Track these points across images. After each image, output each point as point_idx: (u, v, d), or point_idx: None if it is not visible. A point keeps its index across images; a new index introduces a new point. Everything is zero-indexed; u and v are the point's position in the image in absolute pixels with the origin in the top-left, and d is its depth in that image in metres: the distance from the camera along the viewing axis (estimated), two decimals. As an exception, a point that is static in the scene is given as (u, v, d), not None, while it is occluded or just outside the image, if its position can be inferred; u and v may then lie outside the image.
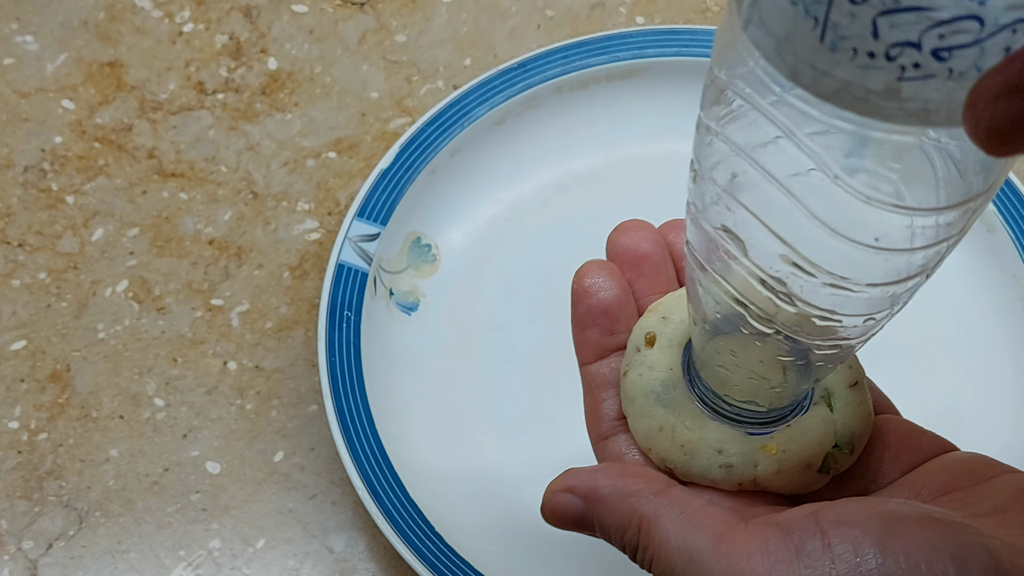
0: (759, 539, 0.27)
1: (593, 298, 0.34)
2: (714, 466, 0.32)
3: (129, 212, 0.53)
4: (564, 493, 0.31)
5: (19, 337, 0.50)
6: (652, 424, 0.33)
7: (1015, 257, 0.50)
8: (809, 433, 0.32)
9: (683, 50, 0.54)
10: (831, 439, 0.32)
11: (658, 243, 0.36)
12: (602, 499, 0.30)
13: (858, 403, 0.33)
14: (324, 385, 0.46)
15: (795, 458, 0.32)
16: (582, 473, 0.31)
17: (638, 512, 0.29)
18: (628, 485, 0.30)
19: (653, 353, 0.33)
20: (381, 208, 0.50)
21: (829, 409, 0.33)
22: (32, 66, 0.57)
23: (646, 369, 0.33)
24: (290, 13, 0.58)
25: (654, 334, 0.33)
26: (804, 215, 0.24)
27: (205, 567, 0.46)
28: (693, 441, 0.32)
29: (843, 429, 0.32)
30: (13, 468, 0.47)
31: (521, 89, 0.53)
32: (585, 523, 0.31)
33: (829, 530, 0.27)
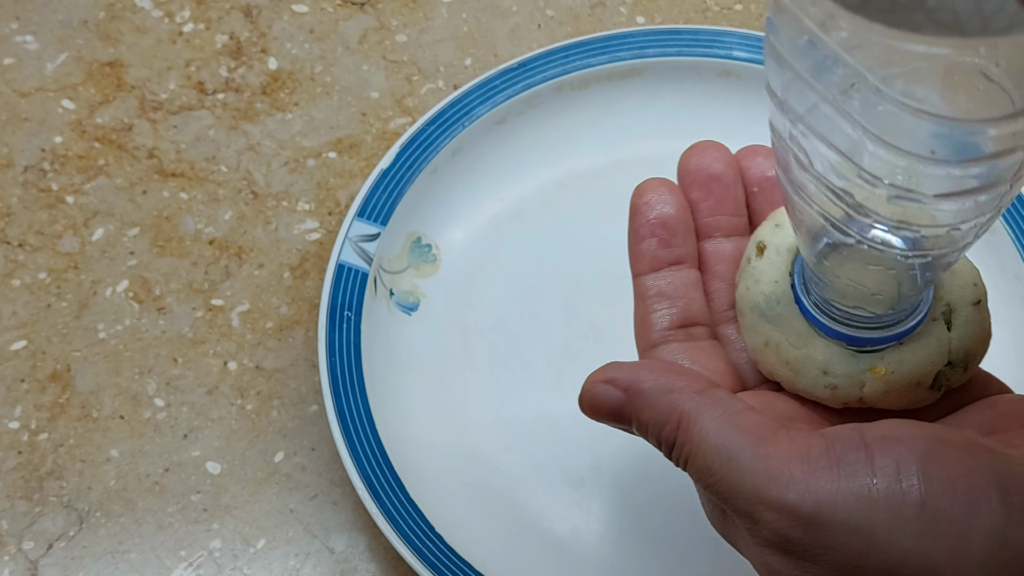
0: (800, 444, 0.27)
1: (653, 211, 0.35)
2: (819, 385, 0.32)
3: (129, 212, 0.53)
4: (605, 384, 0.31)
5: (19, 337, 0.50)
6: (758, 339, 0.33)
7: (1015, 257, 0.50)
8: (921, 352, 0.32)
9: (684, 50, 0.54)
10: (944, 358, 0.32)
11: (731, 165, 0.36)
12: (643, 393, 0.30)
13: (978, 322, 0.33)
14: (324, 385, 0.46)
15: (904, 378, 0.31)
16: (624, 366, 0.31)
17: (678, 408, 0.29)
18: (671, 381, 0.30)
19: (761, 264, 0.33)
20: (381, 208, 0.50)
21: (947, 327, 0.32)
22: (32, 66, 0.57)
23: (752, 282, 0.33)
24: (290, 12, 0.58)
25: (765, 243, 0.33)
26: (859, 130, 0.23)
27: (206, 567, 0.46)
28: (799, 359, 0.32)
29: (958, 347, 0.32)
30: (13, 468, 0.47)
31: (522, 89, 0.53)
32: (622, 416, 0.30)
33: (873, 444, 0.26)
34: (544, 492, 0.46)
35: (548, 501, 0.46)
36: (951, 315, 0.32)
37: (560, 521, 0.46)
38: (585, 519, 0.46)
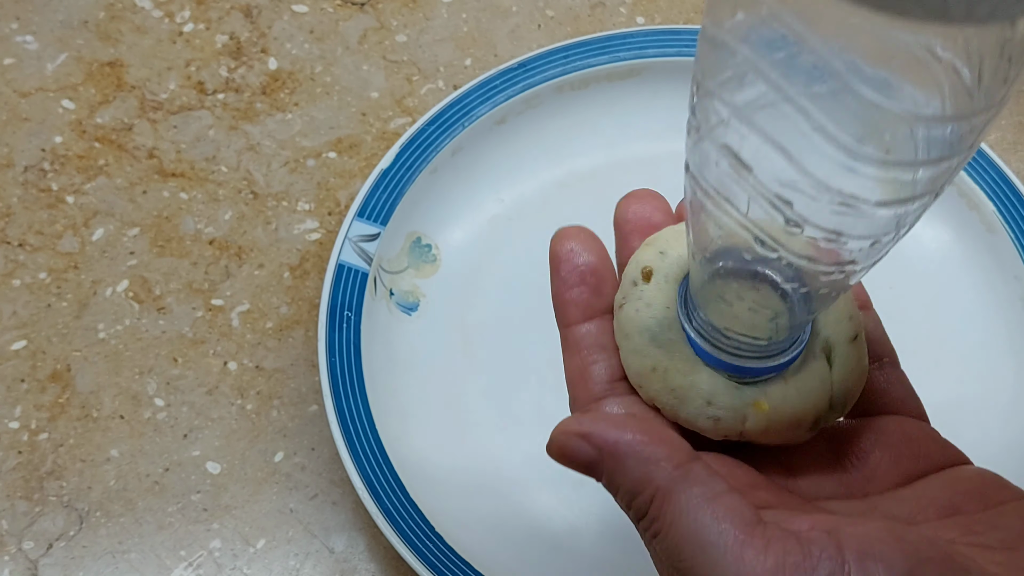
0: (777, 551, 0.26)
1: (579, 258, 0.33)
2: (702, 416, 0.31)
3: (129, 212, 0.53)
4: (578, 439, 0.29)
5: (19, 337, 0.50)
6: (645, 363, 0.32)
7: (1015, 257, 0.50)
8: (805, 392, 0.31)
9: (684, 50, 0.54)
10: (826, 400, 0.32)
11: (669, 214, 0.35)
12: (619, 457, 0.28)
13: (857, 359, 0.32)
14: (324, 385, 0.46)
15: (786, 417, 0.31)
16: (600, 420, 0.29)
17: (654, 482, 0.28)
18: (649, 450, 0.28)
19: (650, 288, 0.32)
20: (381, 208, 0.50)
21: (828, 364, 0.32)
22: (32, 66, 0.57)
23: (643, 305, 0.32)
24: (290, 13, 0.58)
25: (651, 268, 0.33)
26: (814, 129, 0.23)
27: (206, 567, 0.46)
28: (684, 387, 0.32)
29: (839, 388, 0.32)
30: (13, 468, 0.47)
31: (522, 89, 0.53)
32: (593, 471, 0.29)
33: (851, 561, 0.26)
34: (544, 492, 0.46)
35: (548, 501, 0.46)
36: (831, 352, 0.32)
37: (560, 521, 0.46)
38: (585, 519, 0.46)
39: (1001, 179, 0.51)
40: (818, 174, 0.24)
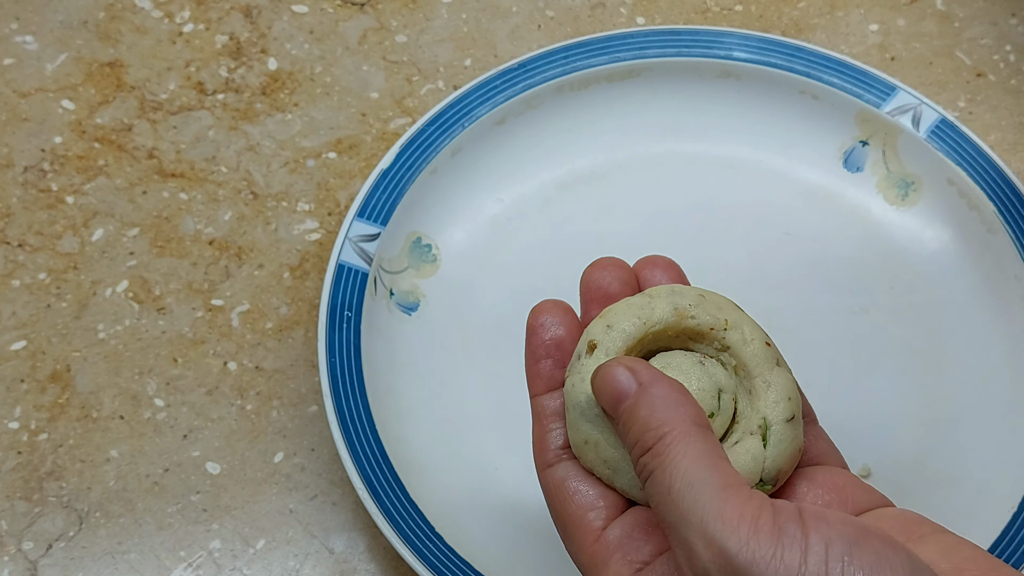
0: (756, 504, 0.29)
1: (548, 332, 0.36)
2: (635, 487, 0.34)
3: (129, 212, 0.53)
4: (625, 370, 0.32)
5: (19, 337, 0.50)
6: (579, 437, 0.34)
7: (1015, 257, 0.50)
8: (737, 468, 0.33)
9: (684, 50, 0.54)
10: (757, 475, 0.33)
11: (628, 283, 0.37)
12: (651, 395, 0.31)
13: (791, 439, 0.34)
14: (324, 385, 0.46)
15: None
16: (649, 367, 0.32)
17: (671, 425, 0.31)
18: (679, 403, 0.31)
19: (590, 363, 0.34)
20: (381, 208, 0.50)
21: (763, 443, 0.34)
22: (32, 66, 0.57)
23: (579, 379, 0.34)
24: (290, 13, 0.58)
25: (596, 342, 0.35)
26: None
27: (206, 568, 0.46)
28: (616, 459, 0.34)
29: (771, 466, 0.34)
30: (13, 468, 0.47)
31: (522, 89, 0.53)
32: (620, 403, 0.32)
33: (809, 522, 0.28)
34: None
35: (548, 501, 0.46)
36: (767, 431, 0.34)
37: (560, 521, 0.46)
38: (585, 519, 0.46)
39: (1001, 179, 0.51)
40: None
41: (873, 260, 0.52)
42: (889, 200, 0.53)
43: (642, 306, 0.35)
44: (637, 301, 0.35)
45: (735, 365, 0.35)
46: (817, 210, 0.53)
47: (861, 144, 0.53)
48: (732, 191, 0.53)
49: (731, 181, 0.54)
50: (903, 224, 0.52)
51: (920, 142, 0.52)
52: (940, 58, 0.58)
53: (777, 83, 0.54)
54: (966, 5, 0.59)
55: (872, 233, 0.52)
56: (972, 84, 0.57)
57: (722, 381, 0.35)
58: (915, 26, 0.59)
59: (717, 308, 0.35)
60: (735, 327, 0.35)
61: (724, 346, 0.35)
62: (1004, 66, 0.58)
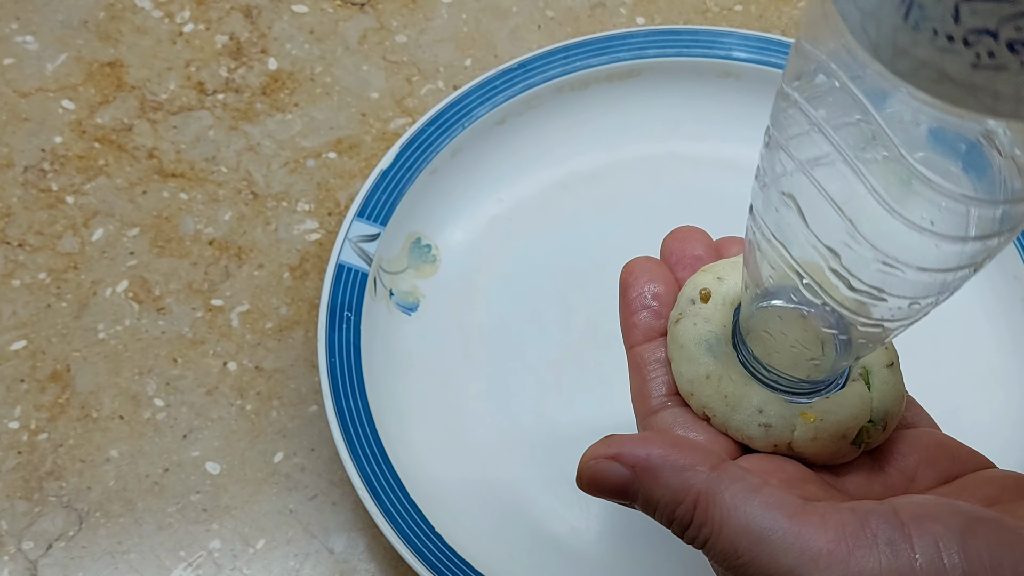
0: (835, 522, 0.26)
1: (645, 285, 0.36)
2: (753, 423, 0.33)
3: (129, 212, 0.53)
4: (608, 461, 0.29)
5: (19, 337, 0.50)
6: (699, 371, 0.33)
7: (1015, 257, 0.50)
8: (846, 406, 0.33)
9: (683, 50, 0.54)
10: (867, 414, 0.33)
11: (711, 248, 0.37)
12: (653, 470, 0.29)
13: (894, 383, 0.34)
14: (324, 385, 0.46)
15: (832, 428, 0.33)
16: (627, 440, 0.29)
17: (694, 488, 0.28)
18: (683, 458, 0.29)
19: (708, 308, 0.34)
20: (381, 208, 0.50)
21: (867, 386, 0.34)
22: (32, 66, 0.57)
23: (701, 320, 0.34)
24: (290, 13, 0.58)
25: (709, 291, 0.35)
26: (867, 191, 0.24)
27: (205, 568, 0.46)
28: (737, 395, 0.33)
29: (879, 406, 0.33)
30: (13, 468, 0.47)
31: (522, 89, 0.53)
32: (627, 494, 0.29)
33: (910, 523, 0.26)
34: (544, 492, 0.46)
35: (548, 501, 0.46)
36: (868, 376, 0.34)
37: (560, 521, 0.46)
38: (585, 519, 0.46)
39: (1001, 179, 0.51)
40: (865, 232, 0.25)
41: (873, 260, 0.52)
42: (889, 200, 0.53)
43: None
44: (738, 260, 0.35)
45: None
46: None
47: (861, 144, 0.53)
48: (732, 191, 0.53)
49: (731, 181, 0.53)
50: (903, 224, 0.52)
51: (920, 142, 0.52)
52: (940, 58, 0.58)
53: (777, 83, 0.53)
54: (966, 5, 0.59)
55: (872, 233, 0.52)
56: (972, 84, 0.57)
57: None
58: (915, 26, 0.59)
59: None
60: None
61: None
62: (1004, 66, 0.58)
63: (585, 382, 0.49)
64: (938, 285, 0.26)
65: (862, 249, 0.26)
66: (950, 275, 0.26)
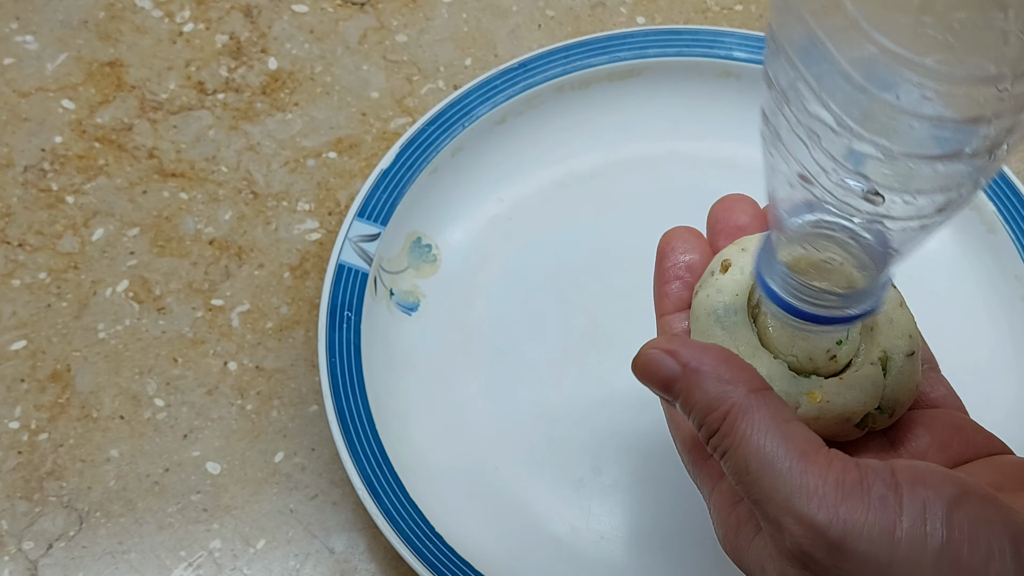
0: (838, 468, 0.28)
1: (680, 256, 0.36)
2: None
3: (129, 212, 0.53)
4: (664, 353, 0.31)
5: (19, 337, 0.50)
6: (708, 341, 0.34)
7: (1015, 257, 0.50)
8: (856, 390, 0.33)
9: (684, 50, 0.54)
10: (876, 401, 0.33)
11: (757, 217, 0.37)
12: (700, 373, 0.30)
13: (910, 373, 0.34)
14: (324, 385, 0.46)
15: (836, 410, 0.33)
16: (689, 343, 0.31)
17: (730, 399, 0.30)
18: (730, 372, 0.30)
19: (724, 278, 0.35)
20: (381, 208, 0.50)
21: (883, 373, 0.34)
22: (32, 66, 0.57)
23: (714, 292, 0.35)
24: (290, 13, 0.58)
25: (730, 261, 0.35)
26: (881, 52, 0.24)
27: (206, 567, 0.46)
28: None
29: (890, 395, 0.34)
30: (13, 468, 0.47)
31: (522, 89, 0.53)
32: (670, 388, 0.31)
33: (903, 484, 0.27)
34: (544, 492, 0.46)
35: (548, 501, 0.46)
36: (887, 362, 0.34)
37: (560, 521, 0.46)
38: (585, 519, 0.46)
39: (1001, 179, 0.51)
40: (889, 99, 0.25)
41: (873, 260, 0.52)
42: (889, 200, 0.53)
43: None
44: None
45: None
46: (817, 210, 0.53)
47: (861, 144, 0.53)
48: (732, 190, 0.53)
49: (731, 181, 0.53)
50: (903, 224, 0.52)
51: (920, 142, 0.52)
52: (940, 58, 0.58)
53: (777, 83, 0.53)
54: (966, 5, 0.59)
55: (872, 233, 0.52)
56: (972, 84, 0.57)
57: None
58: (915, 26, 0.59)
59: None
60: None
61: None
62: (1004, 66, 0.57)
63: (585, 382, 0.49)
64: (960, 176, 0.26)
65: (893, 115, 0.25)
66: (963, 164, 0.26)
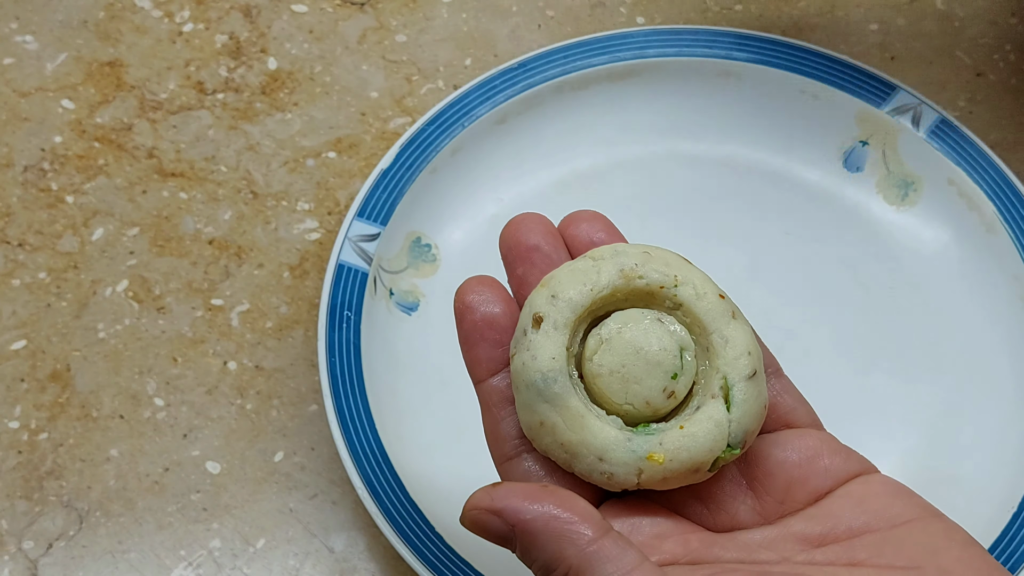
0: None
1: (478, 312, 0.33)
2: (595, 471, 0.32)
3: (129, 212, 0.53)
4: (490, 515, 0.29)
5: (19, 337, 0.50)
6: (534, 418, 0.32)
7: (1015, 257, 0.50)
8: (701, 439, 0.31)
9: (684, 50, 0.54)
10: (724, 441, 0.32)
11: (550, 234, 0.35)
12: (532, 533, 0.29)
13: (756, 397, 0.32)
14: (324, 385, 0.46)
15: (683, 465, 0.32)
16: (511, 495, 0.29)
17: (567, 560, 0.28)
18: (562, 525, 0.29)
19: (538, 337, 0.32)
20: (381, 208, 0.50)
21: (726, 406, 0.32)
22: (32, 66, 0.57)
23: (529, 357, 0.32)
24: (290, 12, 0.58)
25: (541, 315, 0.32)
26: None
27: (206, 567, 0.46)
28: (574, 442, 0.32)
29: (737, 429, 0.32)
30: (13, 468, 0.47)
31: (522, 89, 0.53)
32: (507, 544, 0.30)
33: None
34: (544, 492, 0.46)
35: (548, 501, 0.46)
36: (729, 392, 0.32)
37: (560, 521, 0.46)
38: (585, 519, 0.46)
39: (1001, 179, 0.51)
40: None
41: (873, 260, 0.52)
42: (889, 200, 0.53)
43: (586, 271, 0.33)
44: (580, 265, 0.33)
45: (689, 323, 0.33)
46: (817, 210, 0.53)
47: (861, 144, 0.53)
48: (732, 191, 0.53)
49: (731, 181, 0.53)
50: (903, 224, 0.52)
51: (920, 142, 0.52)
52: (940, 58, 0.58)
53: (777, 83, 0.53)
54: (966, 5, 0.59)
55: (872, 233, 0.52)
56: (972, 84, 0.57)
57: (683, 338, 0.33)
58: (915, 25, 0.59)
59: (665, 264, 0.33)
60: (685, 282, 0.33)
61: (676, 303, 0.33)
62: (1004, 65, 0.58)
63: (585, 382, 0.49)
64: None
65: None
66: None
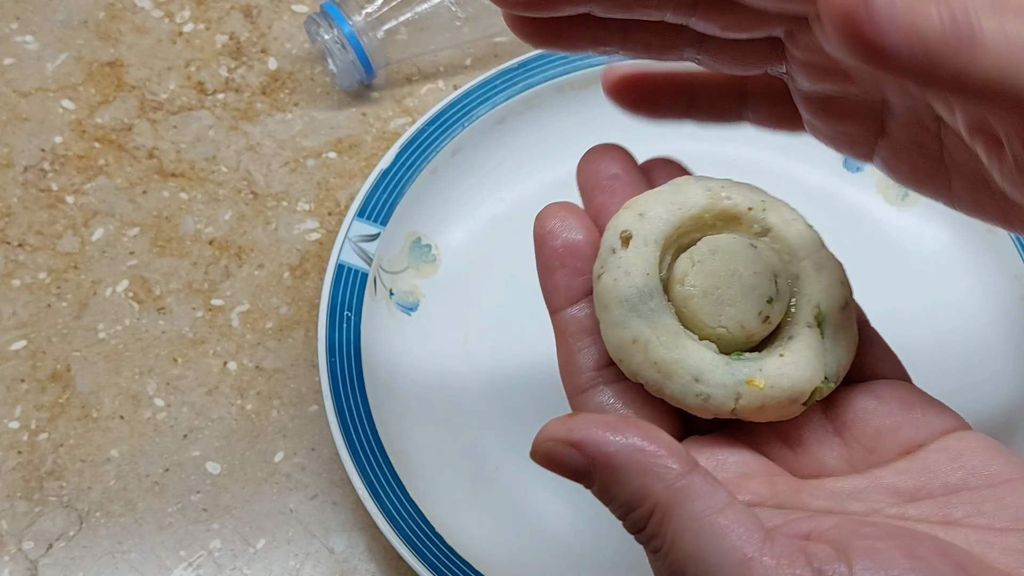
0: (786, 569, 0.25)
1: (559, 239, 0.31)
2: (690, 393, 0.30)
3: (129, 212, 0.53)
4: (567, 447, 0.26)
5: (19, 337, 0.50)
6: (625, 335, 0.30)
7: (1015, 257, 0.50)
8: (803, 367, 0.30)
9: (683, 50, 0.54)
10: (822, 372, 0.30)
11: (630, 164, 0.34)
12: (614, 467, 0.26)
13: (847, 327, 0.31)
14: (324, 385, 0.46)
15: (784, 393, 0.30)
16: (591, 425, 0.26)
17: (654, 495, 0.26)
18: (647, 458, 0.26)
19: (628, 254, 0.31)
20: (381, 208, 0.50)
21: (820, 334, 0.31)
22: (32, 66, 0.57)
23: (621, 274, 0.30)
24: (290, 13, 0.58)
25: (630, 232, 0.31)
26: None
27: (206, 567, 0.46)
28: (668, 361, 0.30)
29: (833, 359, 0.31)
30: (13, 468, 0.47)
31: (522, 89, 0.53)
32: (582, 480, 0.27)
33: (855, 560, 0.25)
34: (544, 492, 0.46)
35: (548, 501, 0.46)
36: (823, 321, 0.31)
37: (560, 521, 0.46)
38: (585, 519, 0.46)
39: (1001, 179, 0.51)
40: None
41: (873, 260, 0.52)
42: (889, 200, 0.53)
43: (672, 192, 0.32)
44: (665, 188, 0.32)
45: (779, 248, 0.31)
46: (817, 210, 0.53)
47: (861, 144, 0.53)
48: (732, 191, 0.53)
49: (731, 181, 0.53)
50: (903, 224, 0.52)
51: (920, 142, 0.52)
52: (940, 58, 0.58)
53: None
54: (966, 5, 0.59)
55: (872, 233, 0.52)
56: (972, 84, 0.57)
57: (776, 263, 0.31)
58: (915, 26, 0.59)
59: (750, 190, 0.32)
60: (773, 207, 0.32)
61: (765, 228, 0.31)
62: (1004, 66, 0.58)
63: (585, 382, 0.49)
64: None
65: None
66: None
